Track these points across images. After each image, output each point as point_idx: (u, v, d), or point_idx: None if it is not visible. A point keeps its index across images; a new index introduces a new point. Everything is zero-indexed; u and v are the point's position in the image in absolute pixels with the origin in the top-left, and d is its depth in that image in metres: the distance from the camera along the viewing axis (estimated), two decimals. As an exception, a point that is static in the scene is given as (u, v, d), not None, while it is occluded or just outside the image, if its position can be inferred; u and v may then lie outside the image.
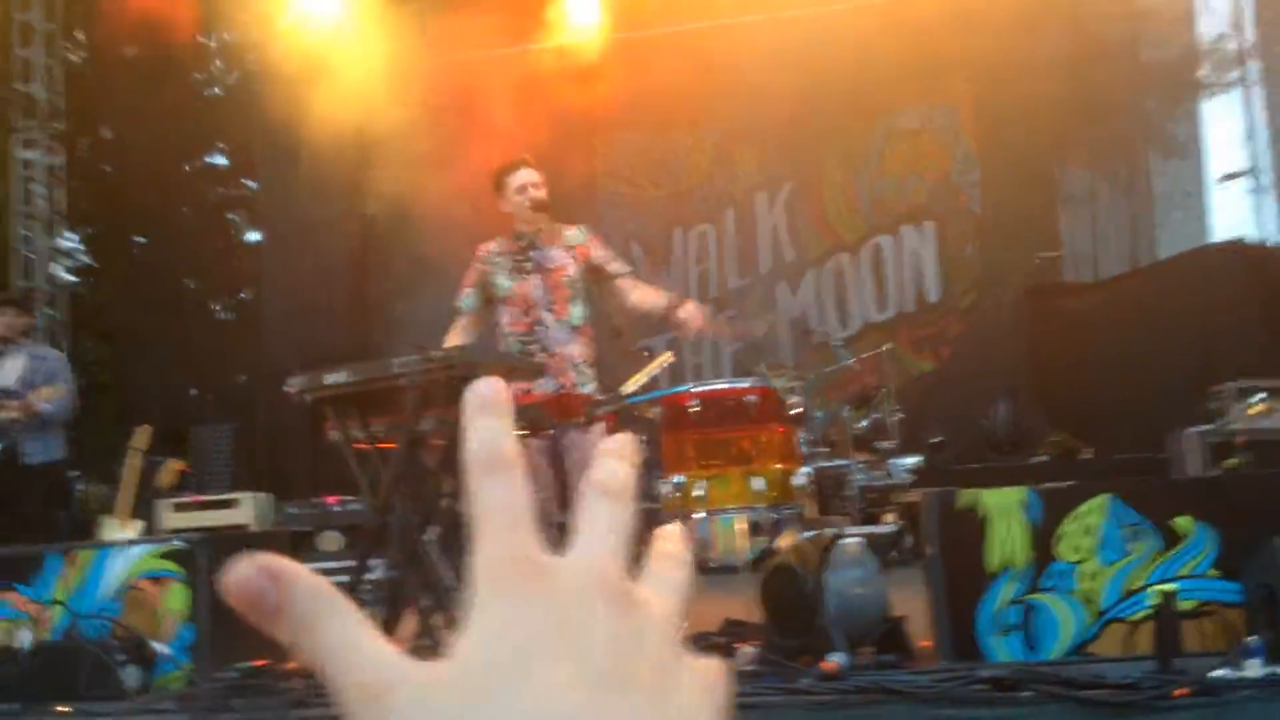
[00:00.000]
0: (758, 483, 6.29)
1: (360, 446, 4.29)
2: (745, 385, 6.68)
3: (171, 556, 4.31)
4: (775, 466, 6.47)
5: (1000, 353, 9.57)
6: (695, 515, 6.36)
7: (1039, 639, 3.66)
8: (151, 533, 7.38)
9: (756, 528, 6.41)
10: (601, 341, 5.10)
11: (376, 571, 4.28)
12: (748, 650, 3.67)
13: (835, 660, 3.37)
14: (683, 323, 4.89)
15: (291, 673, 3.80)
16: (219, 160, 15.74)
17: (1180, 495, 3.87)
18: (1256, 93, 10.32)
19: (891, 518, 7.25)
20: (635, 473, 0.45)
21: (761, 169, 11.25)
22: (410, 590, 4.08)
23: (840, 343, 8.93)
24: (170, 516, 8.00)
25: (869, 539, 4.00)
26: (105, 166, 14.37)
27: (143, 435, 7.29)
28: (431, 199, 8.41)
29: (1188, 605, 3.58)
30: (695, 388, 6.75)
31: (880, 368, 8.41)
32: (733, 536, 6.34)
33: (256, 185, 13.68)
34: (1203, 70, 10.38)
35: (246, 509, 8.04)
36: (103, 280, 14.74)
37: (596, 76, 9.35)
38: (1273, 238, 10.05)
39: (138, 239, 14.83)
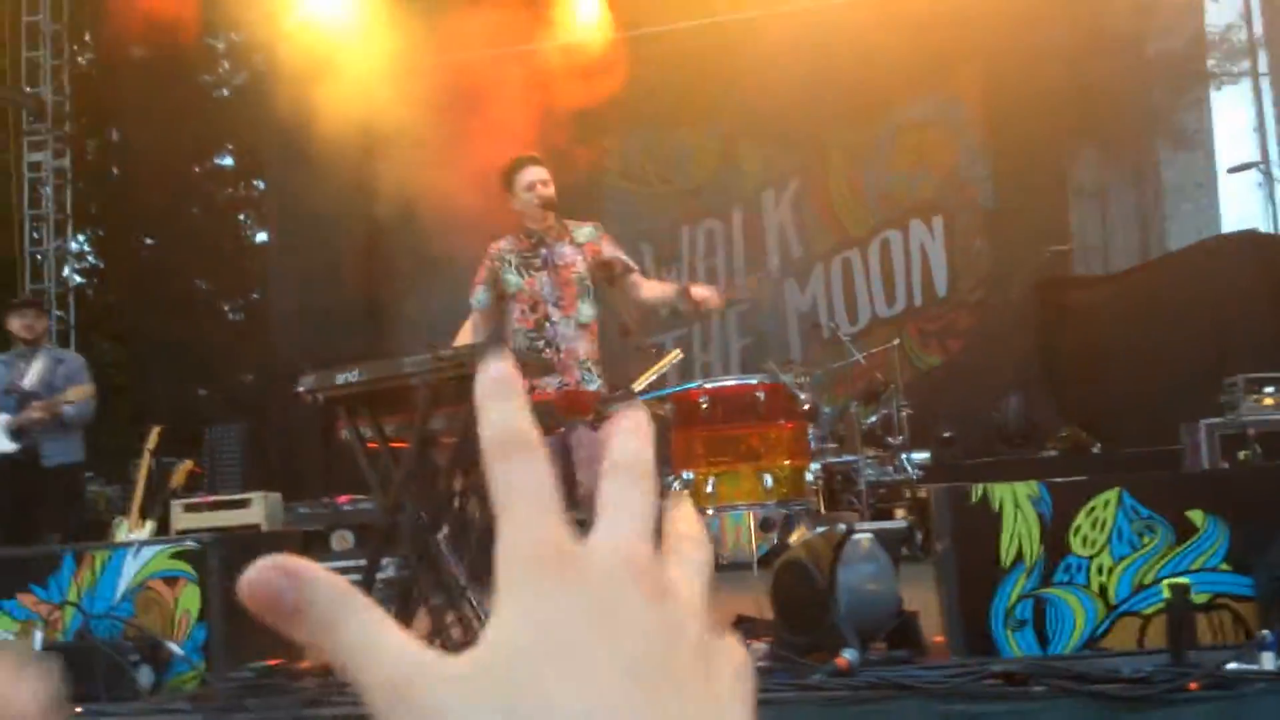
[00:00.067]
0: (768, 479, 6.27)
1: (371, 446, 4.30)
2: (754, 382, 6.67)
3: (184, 557, 4.32)
4: (785, 463, 6.46)
5: (1010, 347, 9.54)
6: (705, 512, 6.36)
7: (1051, 633, 3.66)
8: (163, 533, 7.40)
9: (767, 524, 6.41)
10: (610, 339, 5.10)
11: (388, 570, 4.29)
12: (759, 647, 3.67)
13: (847, 656, 3.37)
14: (701, 300, 4.88)
15: (305, 672, 3.81)
16: (227, 161, 15.77)
17: (1192, 489, 3.85)
18: (1266, 83, 10.28)
19: (901, 513, 7.25)
20: (652, 449, 0.43)
21: (769, 165, 11.24)
22: (422, 589, 4.09)
23: (849, 338, 8.92)
24: (182, 517, 8.02)
25: (880, 534, 3.99)
26: (113, 168, 14.39)
27: (154, 436, 7.31)
28: (439, 198, 8.41)
29: (1200, 599, 3.57)
30: (705, 384, 6.74)
31: (889, 363, 8.40)
32: (743, 533, 6.34)
33: (265, 186, 13.71)
34: (1212, 61, 10.35)
35: (258, 509, 8.06)
36: (112, 282, 14.77)
37: (603, 74, 9.34)
38: (1283, 228, 10.00)
39: (146, 240, 14.86)
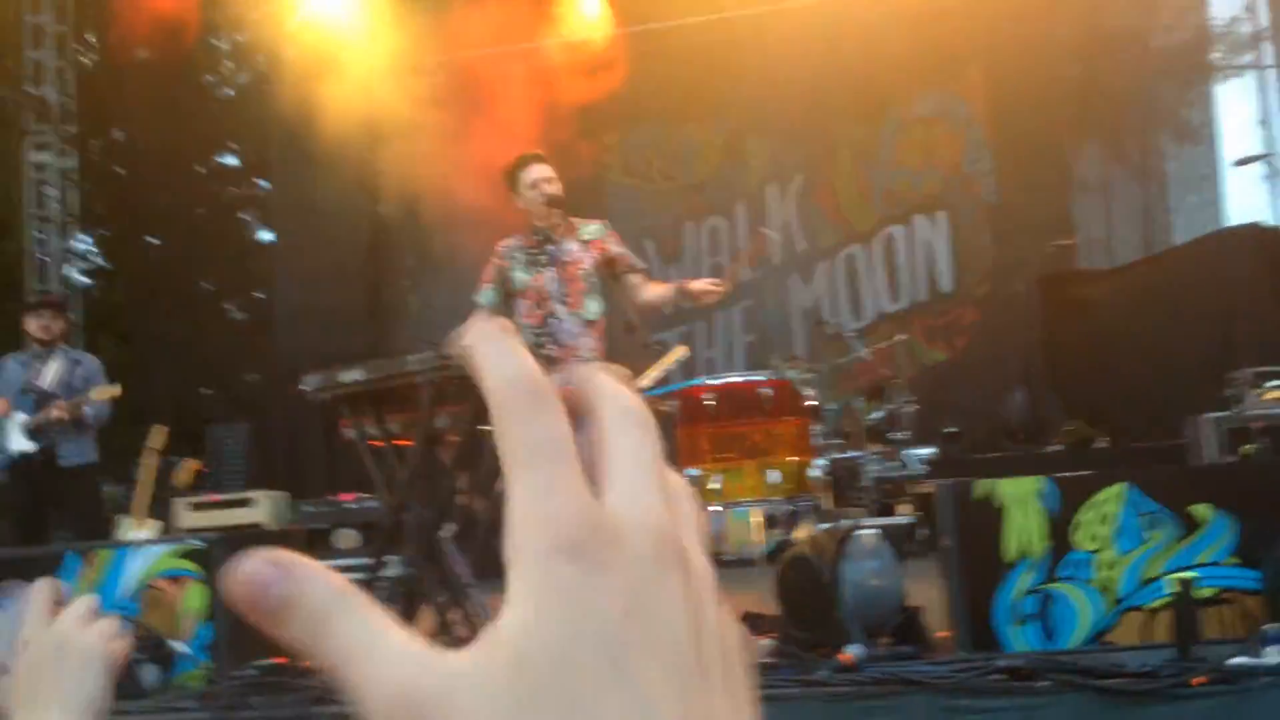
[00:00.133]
0: (773, 475, 6.28)
1: (376, 444, 4.30)
2: (760, 378, 6.67)
3: (189, 556, 4.33)
4: (790, 459, 6.47)
5: (1014, 341, 9.53)
6: (711, 508, 6.36)
7: (1056, 628, 3.65)
8: (168, 532, 7.41)
9: (772, 520, 6.41)
10: (616, 337, 5.10)
11: (392, 568, 4.29)
12: (764, 642, 3.67)
13: (852, 652, 3.37)
14: (701, 291, 4.88)
15: (311, 670, 3.81)
16: (231, 161, 15.79)
17: (1198, 483, 3.85)
18: (1270, 76, 10.25)
19: (906, 509, 7.24)
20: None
21: (773, 161, 11.23)
22: (426, 587, 4.09)
23: (853, 334, 8.91)
24: (187, 515, 8.04)
25: (885, 530, 3.99)
26: (118, 168, 14.42)
27: (158, 435, 7.33)
28: (443, 195, 8.42)
29: (1206, 593, 3.57)
30: (711, 381, 6.75)
31: (894, 358, 8.39)
32: (748, 529, 6.34)
33: (269, 185, 13.72)
34: (1216, 54, 10.32)
35: (263, 507, 8.07)
36: (117, 282, 14.81)
37: (607, 71, 9.34)
38: (1288, 222, 9.98)
39: (151, 240, 14.88)
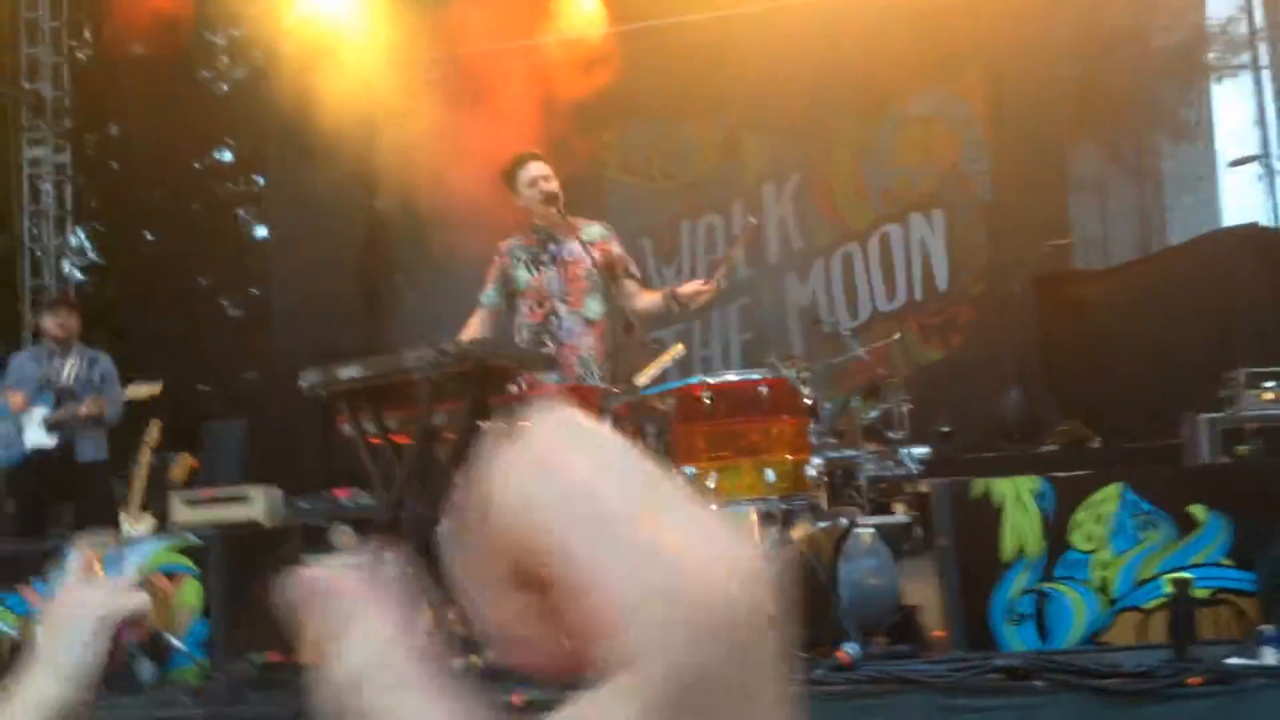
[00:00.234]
0: (769, 474, 6.27)
1: (373, 441, 4.30)
2: (758, 376, 6.67)
3: (186, 551, 4.32)
4: (787, 458, 6.46)
5: (1010, 341, 9.54)
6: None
7: (1052, 628, 3.66)
8: (163, 527, 7.40)
9: (768, 519, 6.40)
10: (616, 336, 5.10)
11: (388, 566, 4.29)
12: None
13: (848, 650, 3.37)
14: (691, 294, 4.89)
15: (305, 666, 3.81)
16: (227, 157, 15.75)
17: (1193, 483, 3.85)
18: (1267, 76, 10.26)
19: (901, 508, 7.24)
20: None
21: (770, 159, 11.22)
22: (422, 585, 4.09)
23: (849, 332, 8.91)
24: (182, 511, 8.02)
25: (881, 529, 3.99)
26: (113, 163, 14.37)
27: (154, 431, 7.31)
28: (441, 192, 8.41)
29: (1202, 594, 3.57)
30: (709, 379, 6.75)
31: (889, 357, 8.39)
32: (745, 528, 6.34)
33: (265, 181, 13.69)
34: (1212, 53, 10.32)
35: (258, 503, 8.05)
36: (111, 277, 14.76)
37: (604, 68, 9.33)
38: (1285, 222, 9.99)
39: (147, 236, 14.85)
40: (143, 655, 3.99)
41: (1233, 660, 3.11)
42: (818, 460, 6.77)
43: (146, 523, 7.12)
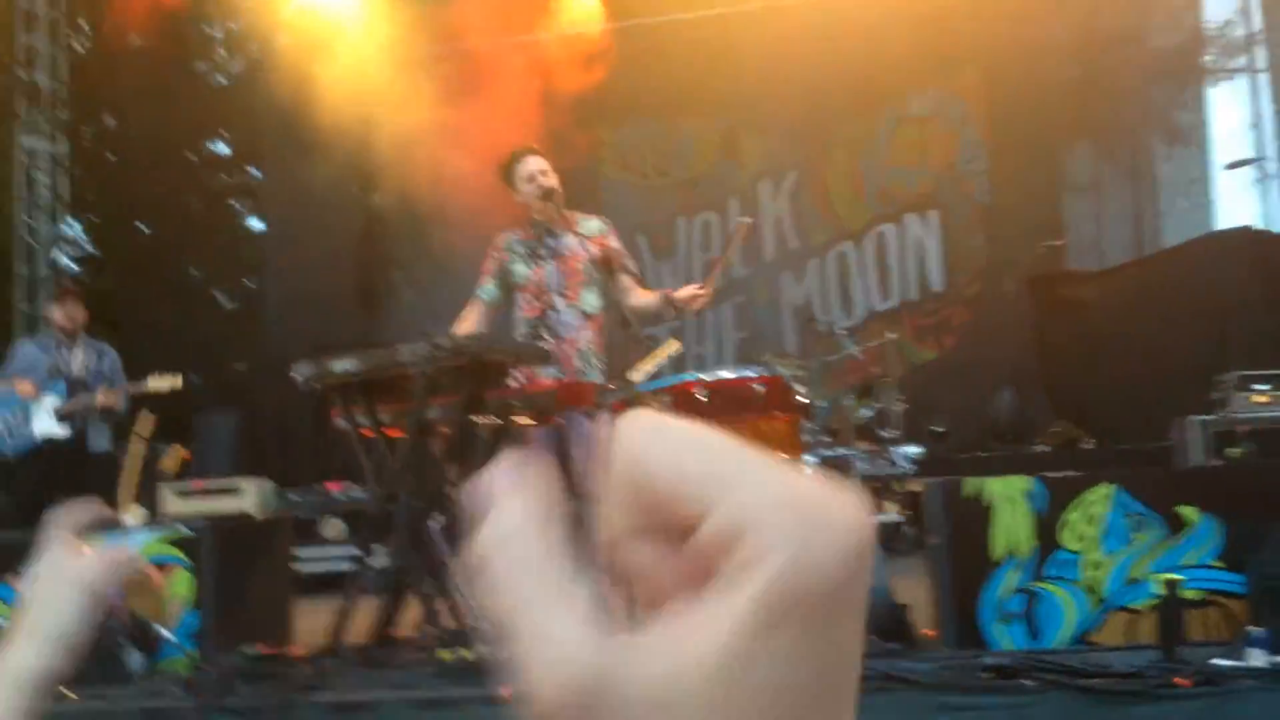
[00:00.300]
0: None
1: (366, 434, 4.30)
2: (752, 374, 6.68)
3: (177, 543, 4.32)
4: (781, 455, 6.46)
5: (1004, 341, 9.55)
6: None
7: (1042, 627, 3.67)
8: (154, 518, 7.39)
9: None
10: (612, 330, 5.10)
11: (379, 558, 4.29)
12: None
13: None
14: (687, 299, 4.89)
15: (296, 658, 3.81)
16: (223, 148, 15.72)
17: (1184, 485, 3.87)
18: (1263, 79, 10.28)
19: (893, 507, 7.26)
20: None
21: (767, 157, 11.23)
22: (413, 577, 4.09)
23: (844, 331, 8.92)
24: (173, 502, 8.00)
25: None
26: (109, 155, 14.34)
27: (146, 422, 7.30)
28: (437, 185, 8.40)
29: (1192, 595, 3.58)
30: (703, 376, 6.75)
31: (884, 357, 8.39)
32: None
33: (260, 173, 13.67)
34: (1209, 56, 10.33)
35: (249, 495, 8.04)
36: (106, 269, 14.73)
37: (602, 65, 9.32)
38: (1279, 225, 10.01)
39: (142, 227, 14.81)
40: (132, 646, 3.99)
41: (1222, 662, 3.12)
42: (811, 458, 6.78)
43: (137, 514, 7.11)
